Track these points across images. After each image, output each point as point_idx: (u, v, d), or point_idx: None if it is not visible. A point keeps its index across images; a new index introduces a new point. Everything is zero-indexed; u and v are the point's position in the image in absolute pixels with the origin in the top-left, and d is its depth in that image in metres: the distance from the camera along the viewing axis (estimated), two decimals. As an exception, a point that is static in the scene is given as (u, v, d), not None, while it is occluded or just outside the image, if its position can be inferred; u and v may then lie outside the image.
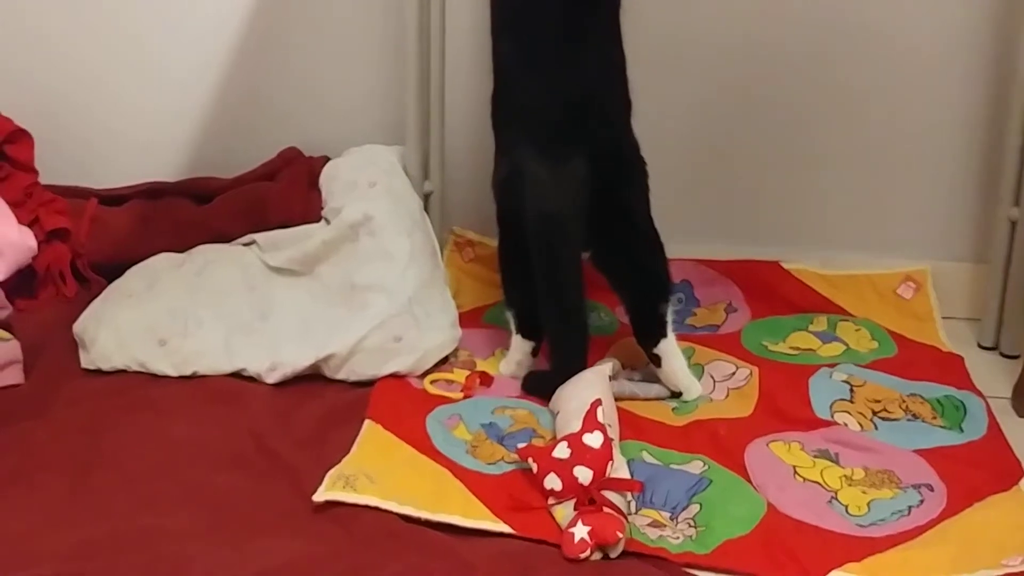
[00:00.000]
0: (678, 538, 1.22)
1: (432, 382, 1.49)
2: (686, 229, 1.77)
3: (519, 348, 1.50)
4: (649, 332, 1.44)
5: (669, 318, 1.44)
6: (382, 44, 1.72)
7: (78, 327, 1.54)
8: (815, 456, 1.36)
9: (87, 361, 1.51)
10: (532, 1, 1.41)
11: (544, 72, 1.40)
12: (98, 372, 1.50)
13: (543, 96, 1.40)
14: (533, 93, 1.40)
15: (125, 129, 1.79)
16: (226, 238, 1.69)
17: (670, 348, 1.45)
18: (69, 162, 1.75)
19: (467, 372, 1.50)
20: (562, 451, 1.25)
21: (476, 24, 1.70)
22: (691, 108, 1.73)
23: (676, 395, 1.47)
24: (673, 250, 1.74)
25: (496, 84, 1.45)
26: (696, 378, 1.48)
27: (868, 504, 1.28)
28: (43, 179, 1.71)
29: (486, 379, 1.50)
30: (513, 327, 1.50)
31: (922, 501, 1.28)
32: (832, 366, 1.53)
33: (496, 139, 1.46)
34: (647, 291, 1.45)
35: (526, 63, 1.41)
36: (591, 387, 1.38)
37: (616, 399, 1.42)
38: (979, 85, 1.67)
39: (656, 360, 1.45)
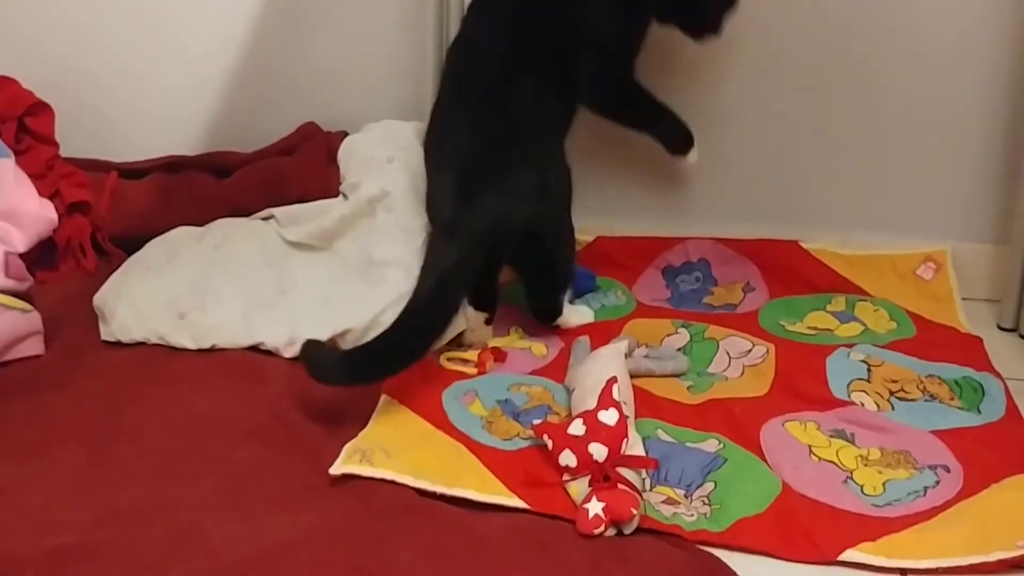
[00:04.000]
0: (692, 516, 1.23)
1: (448, 359, 1.49)
2: (705, 208, 1.77)
3: (473, 319, 1.52)
4: (547, 316, 1.55)
5: (565, 299, 1.55)
6: (401, 20, 1.72)
7: (98, 299, 1.55)
8: (831, 436, 1.36)
9: (107, 333, 1.53)
10: (481, 32, 1.48)
11: (471, 106, 1.45)
12: (118, 344, 1.52)
13: (465, 130, 1.44)
14: (458, 126, 1.45)
15: (145, 103, 1.79)
16: (245, 212, 1.70)
17: (565, 318, 1.56)
18: (90, 136, 1.76)
19: (479, 350, 1.51)
20: (577, 428, 1.25)
21: None
22: (709, 87, 1.72)
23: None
24: (692, 229, 1.75)
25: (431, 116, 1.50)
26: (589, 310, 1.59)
27: (884, 484, 1.28)
28: (64, 152, 1.72)
29: (500, 355, 1.50)
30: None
31: (938, 482, 1.28)
32: (850, 346, 1.53)
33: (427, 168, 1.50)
34: (552, 291, 1.54)
35: (458, 94, 1.47)
36: (607, 365, 1.38)
37: (632, 377, 1.42)
38: (1001, 65, 1.65)
39: (555, 328, 1.56)
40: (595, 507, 1.19)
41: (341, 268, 1.58)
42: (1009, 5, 1.62)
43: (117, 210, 1.70)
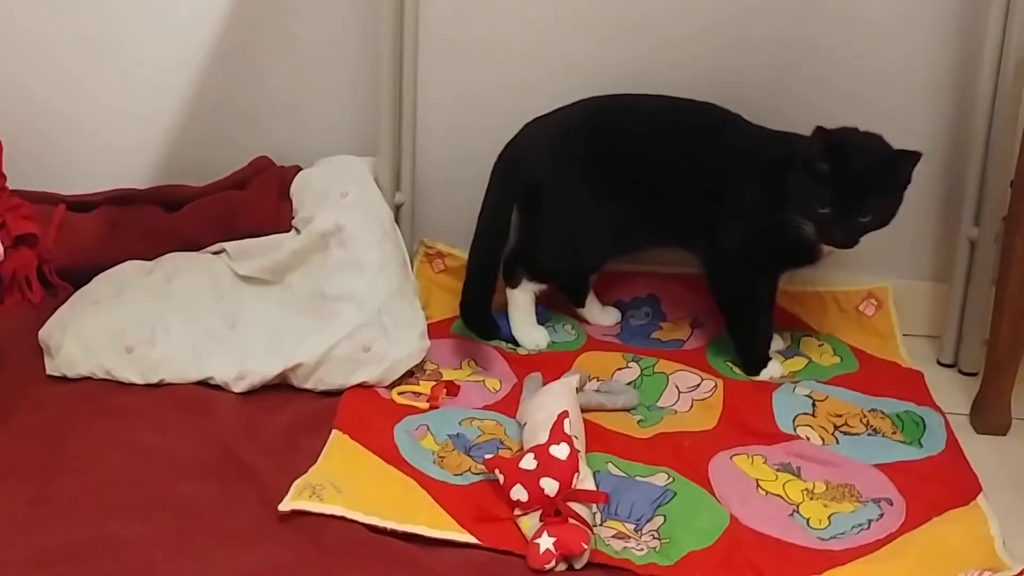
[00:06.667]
0: (642, 549, 1.24)
1: (400, 394, 1.49)
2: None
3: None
4: (511, 275, 1.62)
5: (534, 287, 1.63)
6: (356, 55, 1.73)
7: (44, 333, 1.53)
8: (778, 470, 1.38)
9: (52, 368, 1.50)
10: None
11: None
12: (63, 379, 1.49)
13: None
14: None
15: (95, 136, 1.78)
16: (196, 246, 1.68)
17: (514, 301, 1.63)
18: (38, 168, 1.74)
19: (433, 383, 1.51)
20: (529, 462, 1.26)
21: (450, 37, 1.71)
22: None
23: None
24: (641, 264, 1.77)
25: None
26: (544, 333, 1.64)
27: (829, 517, 1.30)
28: (12, 184, 1.70)
29: (452, 389, 1.51)
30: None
31: (882, 515, 1.30)
32: (795, 381, 1.56)
33: None
34: (541, 254, 1.61)
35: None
36: (558, 399, 1.39)
37: (583, 411, 1.43)
38: (941, 107, 1.70)
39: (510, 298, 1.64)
40: (546, 542, 1.19)
41: (293, 302, 1.57)
42: (948, 50, 1.67)
43: (65, 243, 1.67)
